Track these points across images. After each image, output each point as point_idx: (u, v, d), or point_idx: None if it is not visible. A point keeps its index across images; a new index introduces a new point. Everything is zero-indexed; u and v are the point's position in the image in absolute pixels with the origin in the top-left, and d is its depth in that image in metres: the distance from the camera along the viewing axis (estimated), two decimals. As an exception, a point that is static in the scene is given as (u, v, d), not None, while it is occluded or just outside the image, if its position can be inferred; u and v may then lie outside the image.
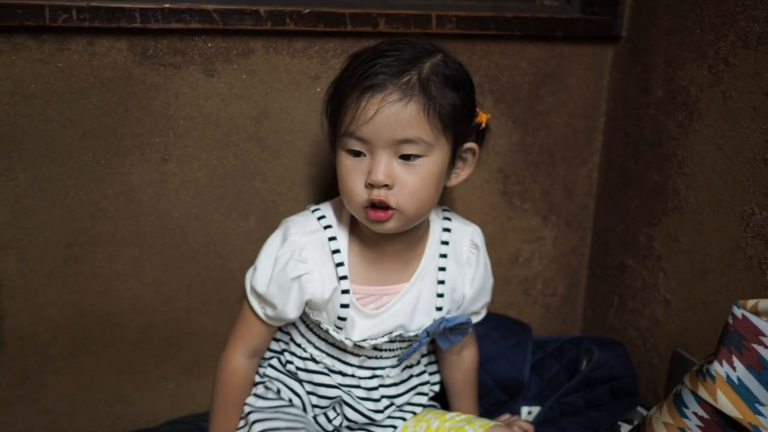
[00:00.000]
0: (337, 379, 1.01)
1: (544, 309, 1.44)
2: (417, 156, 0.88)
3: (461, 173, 0.97)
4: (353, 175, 0.90)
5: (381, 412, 1.03)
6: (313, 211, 1.00)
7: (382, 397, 1.03)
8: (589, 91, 1.32)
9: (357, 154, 0.89)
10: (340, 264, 0.96)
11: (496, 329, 1.26)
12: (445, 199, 1.28)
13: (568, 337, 1.33)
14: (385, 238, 0.97)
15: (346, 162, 0.90)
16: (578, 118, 1.33)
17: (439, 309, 1.00)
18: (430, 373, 1.12)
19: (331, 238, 0.97)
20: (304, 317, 1.02)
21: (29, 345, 1.15)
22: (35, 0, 0.98)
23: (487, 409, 1.22)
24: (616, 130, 1.33)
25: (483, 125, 0.99)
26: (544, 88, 1.29)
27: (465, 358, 1.12)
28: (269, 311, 0.98)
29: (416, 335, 0.99)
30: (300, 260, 0.94)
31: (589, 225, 1.42)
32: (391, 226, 0.91)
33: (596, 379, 1.19)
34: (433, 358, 1.13)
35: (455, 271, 1.02)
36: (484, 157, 1.28)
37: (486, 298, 1.08)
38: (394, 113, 0.85)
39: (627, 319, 1.33)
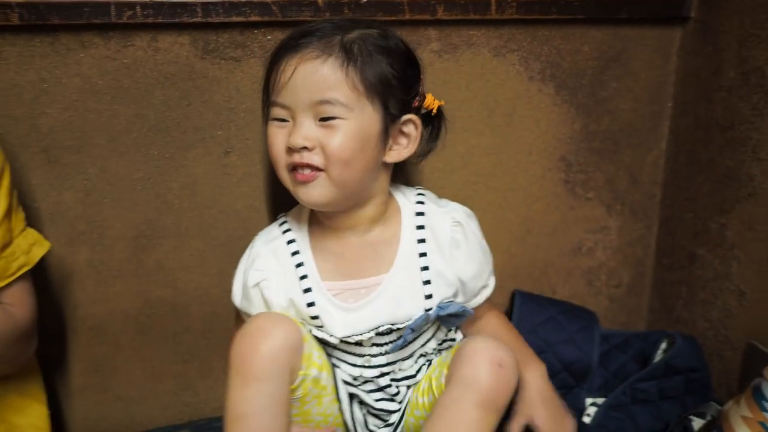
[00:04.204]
0: (350, 380, 0.98)
1: (608, 300, 1.41)
2: (335, 118, 0.86)
3: (403, 151, 0.93)
4: (276, 139, 0.90)
5: (398, 410, 0.99)
6: (278, 218, 1.02)
7: (399, 390, 0.99)
8: (656, 74, 1.28)
9: (281, 121, 0.90)
10: (300, 264, 0.95)
11: (561, 313, 1.25)
12: (504, 189, 1.27)
13: (633, 332, 1.30)
14: (343, 226, 0.95)
15: (271, 129, 0.91)
16: (644, 103, 1.29)
17: (429, 297, 0.95)
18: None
19: (290, 241, 0.97)
20: None
21: (100, 334, 1.18)
22: (101, -2, 1.01)
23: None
24: (684, 114, 1.28)
25: (434, 111, 0.96)
26: (607, 73, 1.25)
27: (483, 327, 1.06)
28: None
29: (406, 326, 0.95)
30: (256, 269, 0.95)
31: (656, 214, 1.37)
32: (318, 193, 0.89)
33: (676, 367, 1.15)
34: (449, 335, 1.05)
35: (438, 254, 0.96)
36: (545, 144, 1.27)
37: (488, 268, 1.02)
38: (310, 71, 0.85)
39: (697, 311, 1.29)
